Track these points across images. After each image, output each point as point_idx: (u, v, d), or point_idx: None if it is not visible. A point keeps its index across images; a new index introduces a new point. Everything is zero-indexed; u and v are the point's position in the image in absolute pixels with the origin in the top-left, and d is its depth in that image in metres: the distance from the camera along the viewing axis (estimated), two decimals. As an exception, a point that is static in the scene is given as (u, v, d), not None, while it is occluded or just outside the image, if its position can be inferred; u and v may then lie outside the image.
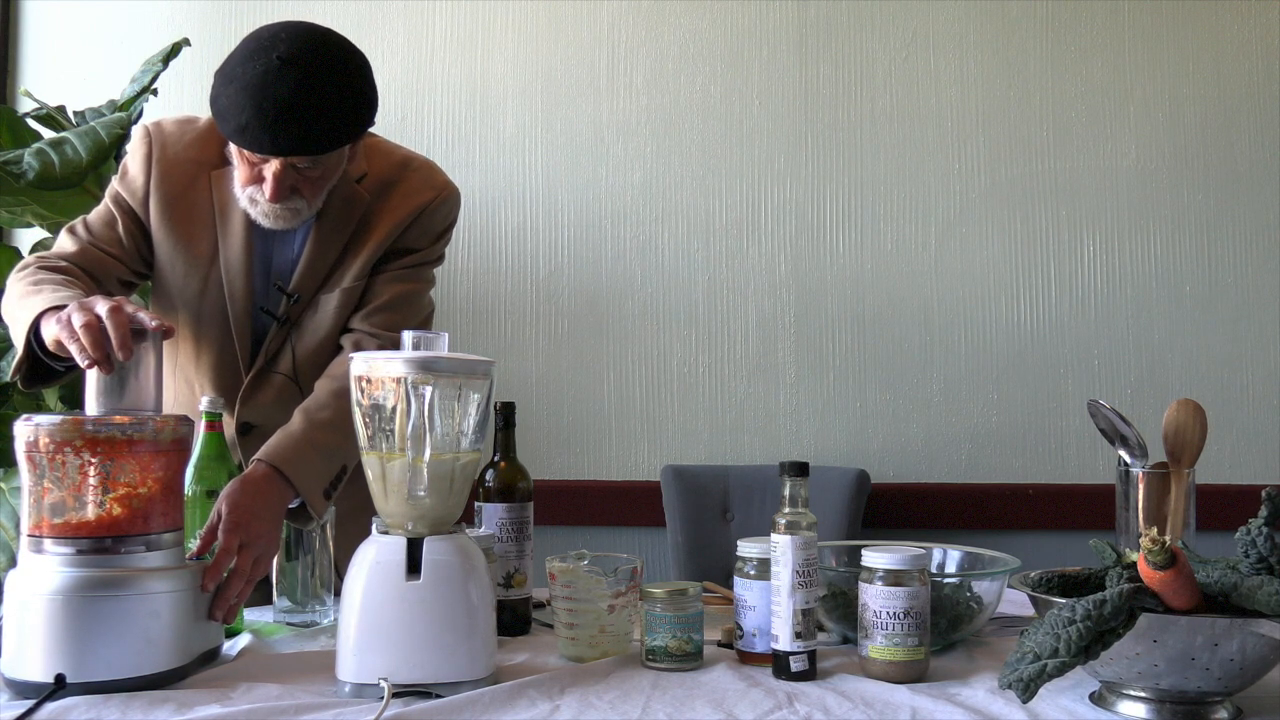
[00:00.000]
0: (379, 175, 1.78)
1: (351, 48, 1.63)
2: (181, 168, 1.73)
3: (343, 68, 1.58)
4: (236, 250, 1.73)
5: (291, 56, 1.52)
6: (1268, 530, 1.11)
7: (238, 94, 1.53)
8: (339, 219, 1.75)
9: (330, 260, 1.76)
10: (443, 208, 1.82)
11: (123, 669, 1.19)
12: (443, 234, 1.85)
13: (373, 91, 1.64)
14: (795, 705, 1.16)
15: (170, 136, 1.75)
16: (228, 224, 1.73)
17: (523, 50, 2.90)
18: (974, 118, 2.82)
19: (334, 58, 1.58)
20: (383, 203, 1.77)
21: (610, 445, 2.85)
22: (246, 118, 1.53)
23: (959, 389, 2.79)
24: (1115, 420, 1.50)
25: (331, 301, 1.76)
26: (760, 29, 2.86)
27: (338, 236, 1.75)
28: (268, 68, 1.52)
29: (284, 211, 1.65)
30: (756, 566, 1.32)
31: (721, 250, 2.85)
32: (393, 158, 1.82)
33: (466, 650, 1.21)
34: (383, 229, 1.76)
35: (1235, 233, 2.77)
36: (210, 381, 1.76)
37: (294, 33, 1.57)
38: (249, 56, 1.55)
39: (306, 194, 1.65)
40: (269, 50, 1.53)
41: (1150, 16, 2.79)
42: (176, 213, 1.73)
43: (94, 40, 2.98)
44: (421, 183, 1.80)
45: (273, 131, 1.53)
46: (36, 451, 1.21)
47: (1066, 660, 1.03)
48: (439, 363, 1.25)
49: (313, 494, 1.53)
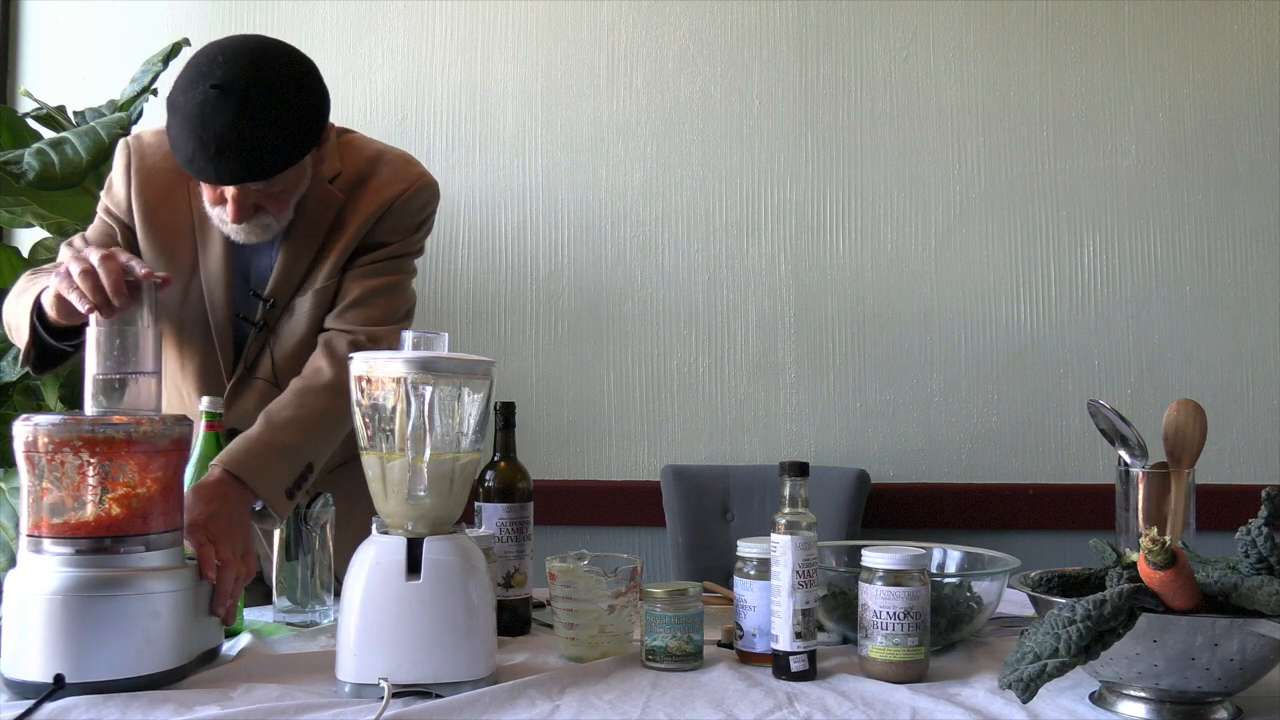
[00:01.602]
0: (351, 173, 1.76)
1: (292, 59, 1.59)
2: (160, 178, 1.73)
3: (282, 88, 1.54)
4: (216, 259, 1.73)
5: (228, 83, 1.50)
6: (1268, 530, 1.11)
7: (180, 125, 1.52)
8: (312, 221, 1.73)
9: (305, 263, 1.74)
10: (415, 199, 1.78)
11: (122, 669, 1.19)
12: (419, 226, 1.81)
13: (320, 103, 1.61)
14: (795, 705, 1.16)
15: (148, 148, 1.75)
16: (207, 234, 1.73)
17: (523, 50, 2.90)
18: (974, 118, 2.82)
19: (272, 79, 1.53)
20: (355, 199, 1.75)
21: (610, 445, 2.85)
22: (191, 150, 1.51)
23: (959, 389, 2.79)
24: (1115, 420, 1.50)
25: (305, 304, 1.74)
26: (760, 29, 2.86)
27: (311, 238, 1.74)
28: (204, 98, 1.50)
29: (253, 229, 1.64)
30: (756, 566, 1.32)
31: (721, 250, 2.85)
32: (365, 153, 1.79)
33: (466, 650, 1.21)
34: (354, 226, 1.74)
35: (1235, 233, 2.77)
36: (196, 389, 1.76)
37: (232, 56, 1.53)
38: (188, 85, 1.52)
39: (272, 210, 1.64)
40: (205, 78, 1.51)
41: (1150, 16, 2.79)
42: (156, 223, 1.73)
43: (94, 40, 2.98)
44: (392, 175, 1.77)
45: (216, 164, 1.51)
46: (35, 452, 1.21)
47: (1066, 660, 1.03)
48: (439, 363, 1.25)
49: (273, 495, 1.51)
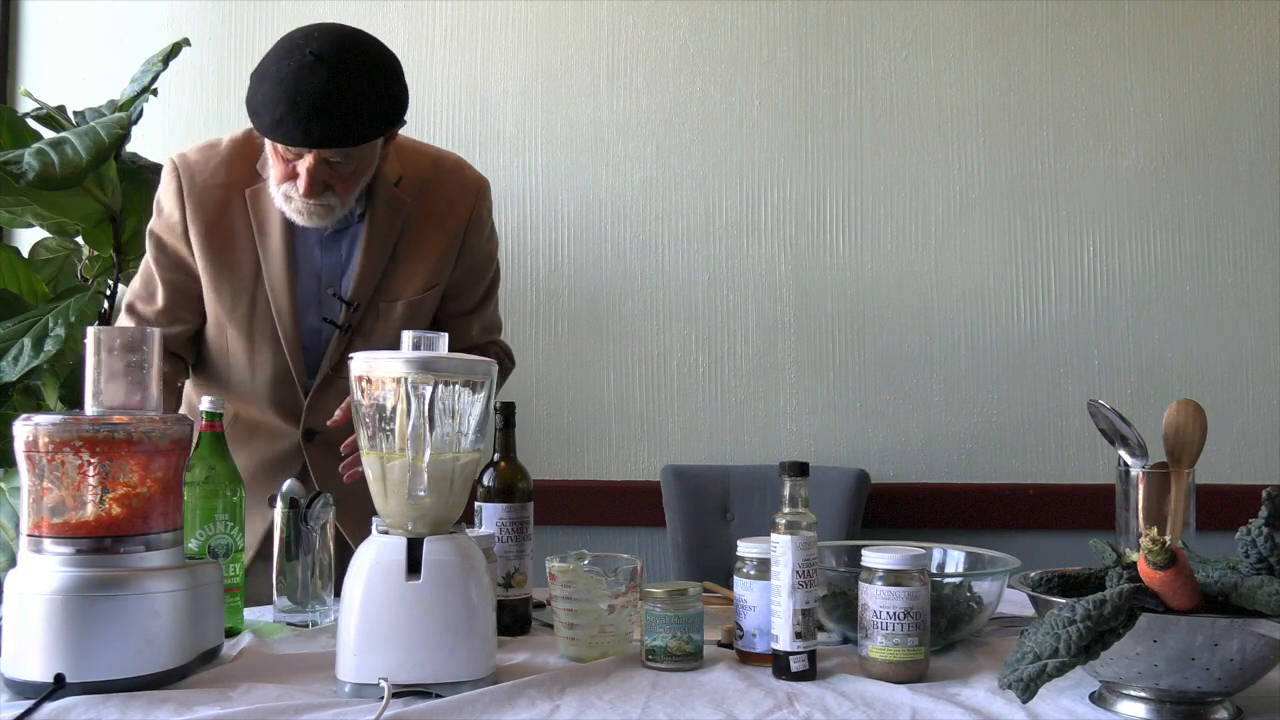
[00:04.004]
0: (414, 177, 1.83)
1: (383, 48, 1.68)
2: (213, 193, 1.78)
3: (374, 65, 1.63)
4: (278, 263, 1.77)
5: (324, 53, 1.58)
6: (1268, 530, 1.11)
7: (272, 90, 1.58)
8: (385, 223, 1.79)
9: (381, 265, 1.80)
10: (482, 204, 1.89)
11: (122, 669, 1.19)
12: (491, 223, 1.94)
13: (403, 91, 1.69)
14: (795, 705, 1.16)
15: (196, 166, 1.79)
16: (267, 239, 1.77)
17: (523, 50, 2.89)
18: (974, 118, 2.81)
19: (365, 55, 1.63)
20: (423, 205, 1.82)
21: (610, 445, 2.84)
22: (281, 112, 1.57)
23: (959, 389, 2.79)
24: (1115, 420, 1.50)
25: (395, 311, 1.81)
26: (760, 29, 2.86)
27: (385, 240, 1.80)
28: (301, 64, 1.57)
29: (318, 208, 1.68)
30: (756, 566, 1.32)
31: (721, 250, 2.85)
32: (422, 157, 1.87)
33: (466, 650, 1.21)
34: (436, 242, 1.82)
35: (1235, 233, 2.77)
36: (268, 396, 1.81)
37: (327, 32, 1.62)
38: (283, 55, 1.60)
39: (340, 190, 1.68)
40: (302, 48, 1.58)
41: (1150, 16, 2.79)
42: (216, 239, 1.77)
43: (94, 40, 2.98)
44: (457, 186, 1.87)
45: (306, 125, 1.57)
46: (36, 451, 1.21)
47: (1066, 660, 1.03)
48: (439, 363, 1.25)
49: None
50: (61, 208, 2.50)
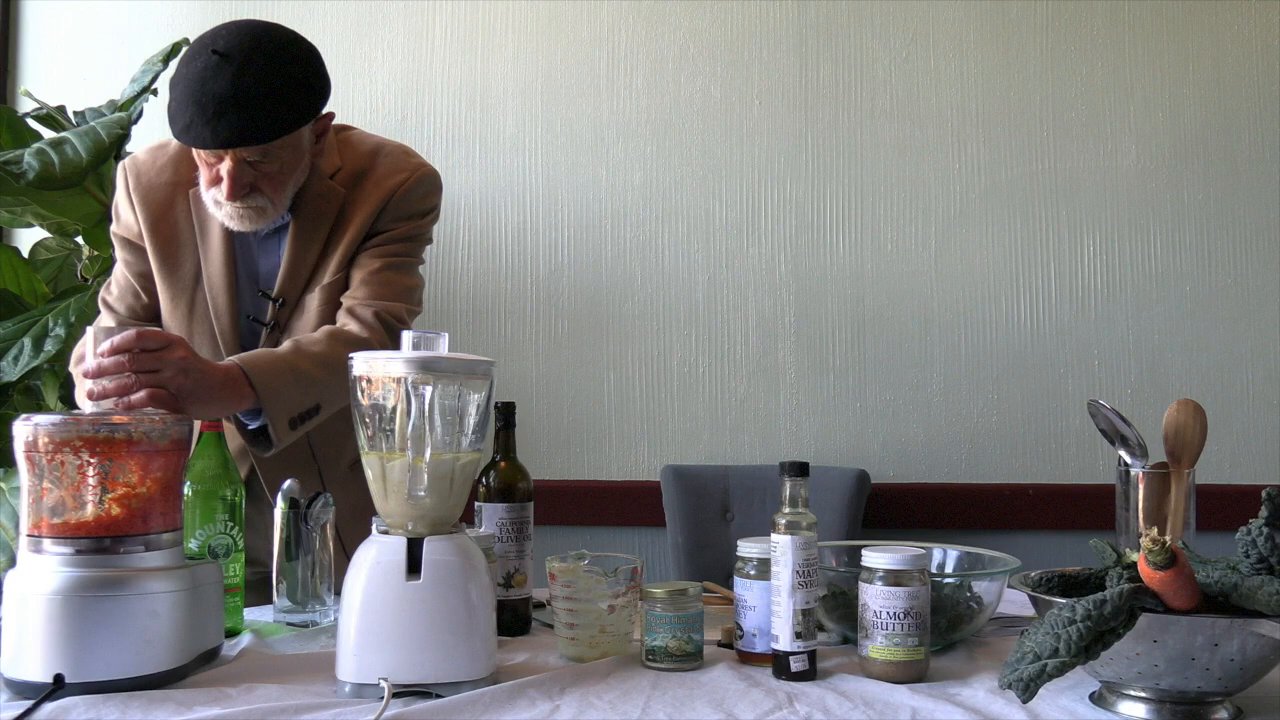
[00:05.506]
0: (352, 167, 1.79)
1: (293, 38, 1.64)
2: (158, 192, 1.77)
3: (281, 57, 1.59)
4: (217, 264, 1.75)
5: (229, 50, 1.55)
6: (1268, 530, 1.11)
7: (181, 94, 1.57)
8: (315, 216, 1.75)
9: (311, 259, 1.76)
10: (416, 189, 1.79)
11: (122, 669, 1.19)
12: (424, 215, 1.82)
13: (318, 79, 1.65)
14: (795, 705, 1.16)
15: (143, 165, 1.79)
16: (208, 240, 1.75)
17: (523, 50, 2.90)
18: (974, 118, 2.81)
19: (273, 49, 1.59)
20: (356, 193, 1.77)
21: (610, 445, 2.85)
22: (190, 115, 1.56)
23: (959, 389, 2.79)
24: (1115, 420, 1.50)
25: (314, 300, 1.76)
26: (760, 29, 2.86)
27: (316, 234, 1.76)
28: (205, 64, 1.55)
29: (247, 210, 1.66)
30: (756, 566, 1.32)
31: (721, 250, 2.85)
32: (364, 147, 1.82)
33: (466, 650, 1.21)
34: (358, 219, 1.76)
35: (1235, 233, 2.77)
36: None
37: (234, 29, 1.59)
38: (191, 57, 1.58)
39: (268, 190, 1.65)
40: (206, 48, 1.56)
41: (1150, 16, 2.79)
42: (160, 237, 1.77)
43: (94, 40, 2.98)
44: (392, 166, 1.80)
45: (213, 125, 1.55)
46: (36, 451, 1.21)
47: (1066, 660, 1.03)
48: (439, 363, 1.25)
49: (276, 415, 1.54)
50: (61, 208, 2.51)
